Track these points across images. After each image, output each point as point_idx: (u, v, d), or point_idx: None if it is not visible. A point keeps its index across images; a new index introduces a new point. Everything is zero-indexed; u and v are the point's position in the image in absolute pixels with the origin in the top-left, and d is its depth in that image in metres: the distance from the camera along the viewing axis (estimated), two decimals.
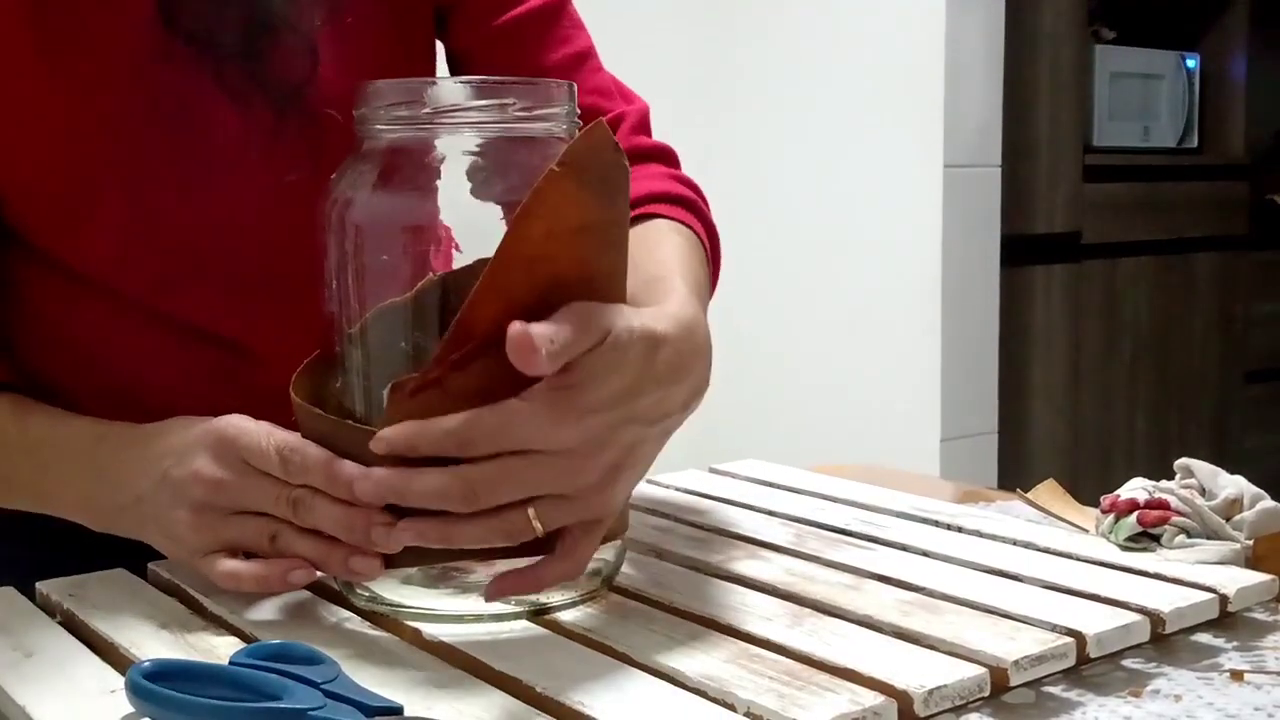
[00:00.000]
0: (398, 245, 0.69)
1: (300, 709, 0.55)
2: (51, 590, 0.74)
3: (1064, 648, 0.64)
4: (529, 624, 0.68)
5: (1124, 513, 0.80)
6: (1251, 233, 2.90)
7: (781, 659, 0.62)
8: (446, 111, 0.68)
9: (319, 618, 0.70)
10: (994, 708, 0.61)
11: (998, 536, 0.83)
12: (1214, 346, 2.83)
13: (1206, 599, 0.70)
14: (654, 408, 0.66)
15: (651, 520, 0.88)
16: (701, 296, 0.77)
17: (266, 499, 0.69)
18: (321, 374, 0.73)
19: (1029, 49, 2.44)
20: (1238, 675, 0.64)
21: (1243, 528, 0.77)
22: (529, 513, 0.64)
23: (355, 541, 0.66)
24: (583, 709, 0.58)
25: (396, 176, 0.69)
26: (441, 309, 0.68)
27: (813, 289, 2.51)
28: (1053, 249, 2.50)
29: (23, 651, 0.66)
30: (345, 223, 0.69)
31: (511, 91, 0.69)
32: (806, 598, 0.71)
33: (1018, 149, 2.44)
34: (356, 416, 0.69)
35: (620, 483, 0.66)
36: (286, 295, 0.82)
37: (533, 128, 0.69)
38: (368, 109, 0.70)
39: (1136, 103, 2.73)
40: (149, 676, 0.56)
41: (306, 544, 0.68)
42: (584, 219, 0.63)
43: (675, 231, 0.84)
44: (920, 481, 1.09)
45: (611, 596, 0.72)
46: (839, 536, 0.83)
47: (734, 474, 1.02)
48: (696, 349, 0.69)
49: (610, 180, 0.64)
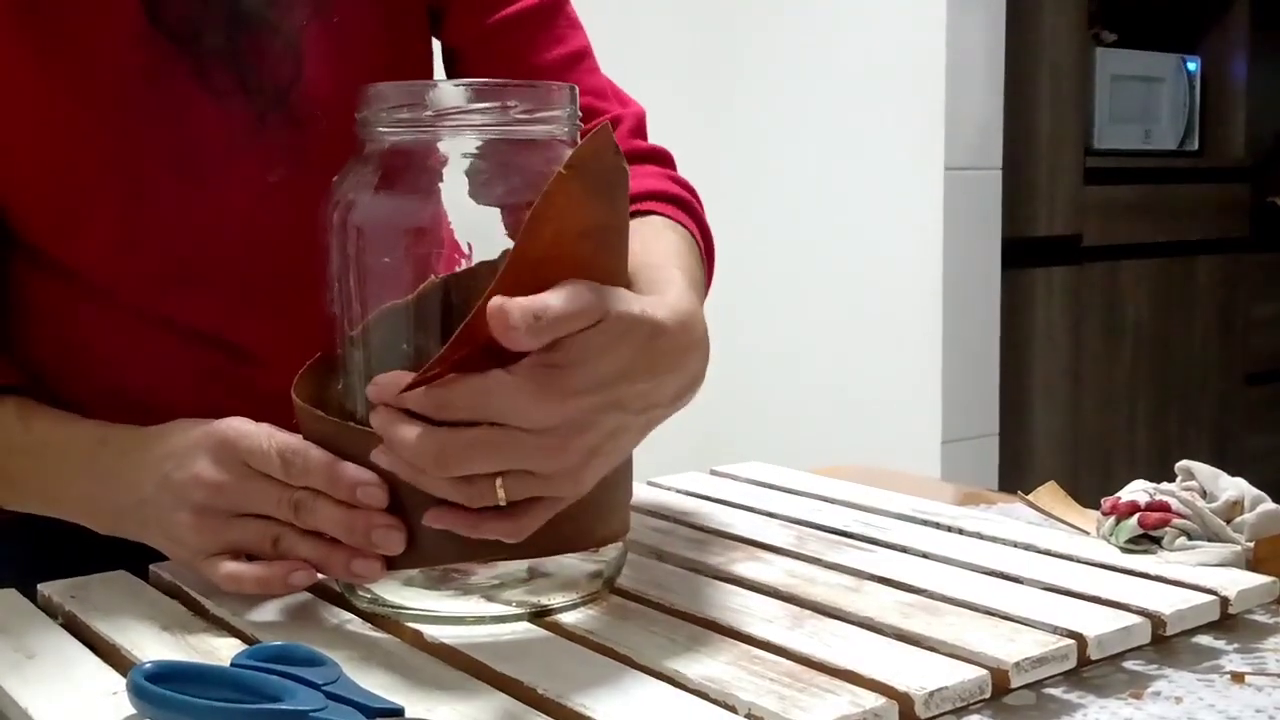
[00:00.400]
0: (399, 248, 0.69)
1: (301, 710, 0.55)
2: (53, 592, 0.74)
3: (1065, 649, 0.64)
4: (530, 625, 0.68)
5: (1125, 515, 0.80)
6: (1252, 235, 2.90)
7: (782, 661, 0.62)
8: (448, 114, 0.68)
9: (320, 619, 0.70)
10: (995, 709, 0.61)
11: (998, 538, 0.83)
12: (1215, 349, 2.83)
13: (1207, 601, 0.70)
14: (642, 397, 0.65)
15: (652, 522, 0.88)
16: (698, 292, 0.76)
17: (268, 501, 0.69)
18: (323, 376, 0.73)
19: (1030, 51, 2.45)
20: (1238, 677, 0.64)
21: (1243, 530, 0.77)
22: (496, 481, 0.63)
23: (356, 544, 0.66)
24: (584, 711, 0.58)
25: (398, 179, 0.69)
26: (443, 312, 0.68)
27: (813, 291, 2.51)
28: (1053, 251, 2.50)
29: (24, 653, 0.66)
30: (347, 225, 0.69)
31: (513, 94, 0.69)
32: (807, 600, 0.71)
33: (1018, 151, 2.44)
34: (358, 418, 0.69)
35: (594, 467, 0.65)
36: (284, 297, 0.82)
37: (534, 130, 0.69)
38: (369, 111, 0.70)
39: (1137, 105, 2.73)
40: (150, 678, 0.56)
41: (308, 546, 0.68)
42: (589, 222, 0.63)
43: (671, 229, 0.84)
44: (921, 483, 1.09)
45: (613, 598, 0.72)
46: (839, 538, 0.83)
47: (735, 476, 1.02)
48: (693, 342, 0.68)
49: (613, 184, 0.64)
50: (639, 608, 0.71)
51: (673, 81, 2.57)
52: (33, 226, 0.84)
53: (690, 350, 0.68)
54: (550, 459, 0.63)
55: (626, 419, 0.65)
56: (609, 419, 0.64)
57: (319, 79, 0.84)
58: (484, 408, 0.61)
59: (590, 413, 0.63)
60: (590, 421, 0.63)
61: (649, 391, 0.65)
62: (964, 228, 2.35)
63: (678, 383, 0.68)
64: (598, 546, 0.71)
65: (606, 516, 0.69)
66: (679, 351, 0.66)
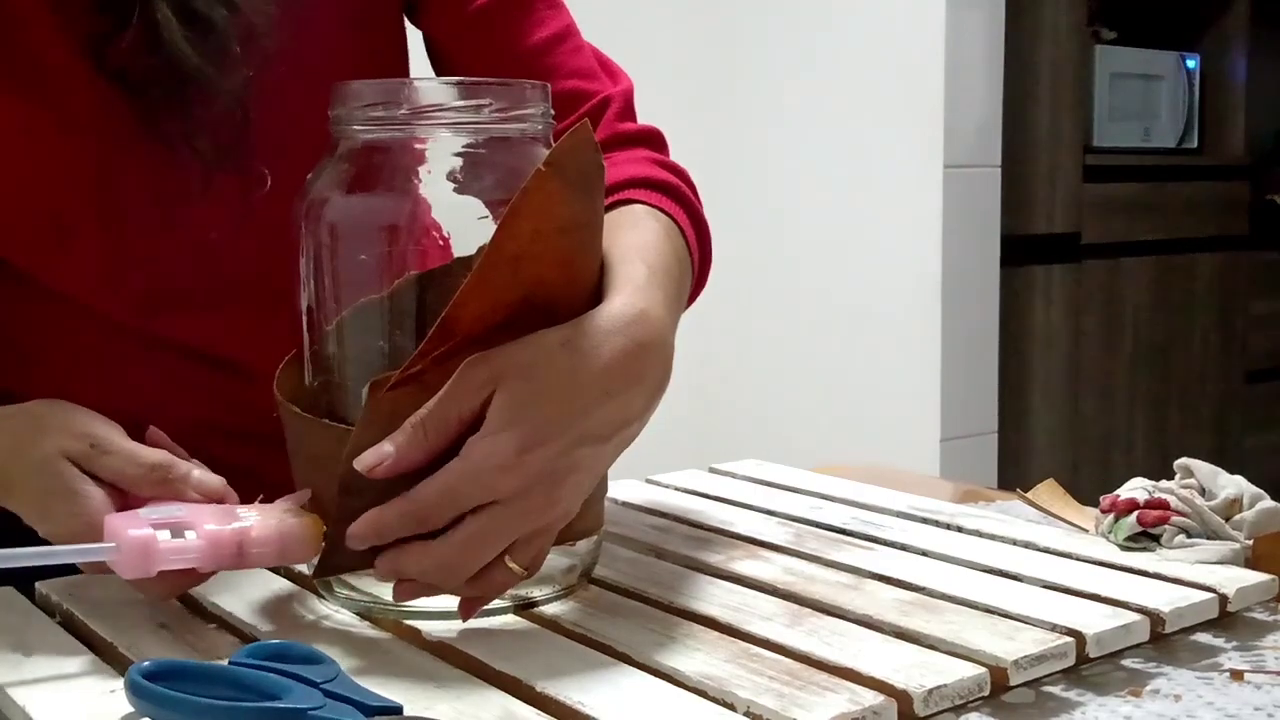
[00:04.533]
0: (372, 245, 0.69)
1: (300, 709, 0.55)
2: (51, 590, 0.74)
3: (1063, 647, 0.64)
4: (529, 624, 0.68)
5: (1124, 512, 0.80)
6: (1252, 233, 2.90)
7: (781, 659, 0.62)
8: (422, 112, 0.69)
9: (319, 617, 0.70)
10: (994, 707, 0.61)
11: (997, 536, 0.83)
12: (1214, 346, 2.83)
13: (1206, 599, 0.70)
14: (605, 422, 0.64)
15: (651, 520, 0.88)
16: (666, 285, 0.71)
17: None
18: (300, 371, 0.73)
19: (1029, 49, 2.45)
20: (1237, 675, 0.64)
21: (1242, 528, 0.77)
22: (506, 562, 0.64)
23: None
24: (582, 709, 0.58)
25: (372, 176, 0.70)
26: (418, 308, 0.68)
27: (813, 289, 2.51)
28: (1052, 249, 2.50)
29: (22, 651, 0.66)
30: (321, 222, 0.69)
31: (487, 92, 0.69)
32: (806, 597, 0.71)
33: (1018, 149, 2.44)
34: (334, 414, 0.69)
35: (577, 497, 0.66)
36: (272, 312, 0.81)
37: (508, 128, 0.69)
38: (344, 109, 0.70)
39: (1136, 103, 2.73)
40: (148, 676, 0.56)
41: None
42: (568, 219, 0.63)
43: (650, 217, 0.80)
44: (920, 481, 1.09)
45: (611, 596, 0.72)
46: (838, 536, 0.83)
47: (733, 474, 1.02)
48: (644, 345, 0.65)
49: (591, 180, 0.65)
50: (638, 605, 0.71)
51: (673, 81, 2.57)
52: (16, 249, 0.84)
53: (646, 357, 0.65)
54: (540, 516, 0.64)
55: (597, 449, 0.65)
56: (581, 454, 0.64)
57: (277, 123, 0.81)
58: (458, 501, 0.62)
59: (557, 458, 0.62)
60: (563, 465, 0.63)
61: (612, 413, 0.64)
62: (963, 225, 2.35)
63: (644, 393, 0.66)
64: (574, 541, 0.71)
65: (581, 513, 0.69)
66: (632, 364, 0.65)
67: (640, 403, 0.66)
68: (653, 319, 0.66)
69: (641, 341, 0.65)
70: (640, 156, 0.87)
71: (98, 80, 0.80)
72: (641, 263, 0.70)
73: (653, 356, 0.66)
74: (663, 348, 0.67)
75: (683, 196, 0.84)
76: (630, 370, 0.65)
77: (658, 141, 0.91)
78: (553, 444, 0.62)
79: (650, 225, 0.78)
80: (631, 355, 0.64)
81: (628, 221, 0.78)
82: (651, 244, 0.75)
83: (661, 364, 0.67)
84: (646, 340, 0.65)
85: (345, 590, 0.71)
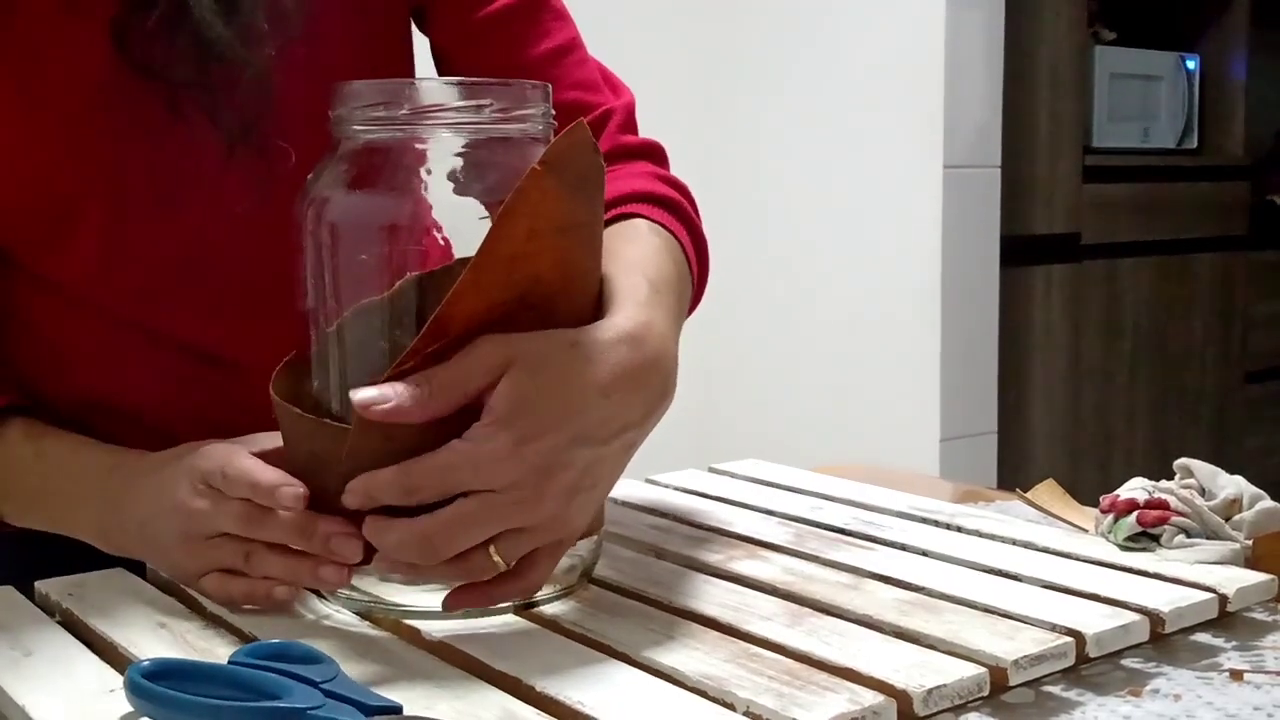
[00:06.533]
0: (373, 245, 0.69)
1: (299, 708, 0.55)
2: (51, 589, 0.74)
3: (1063, 647, 0.64)
4: (528, 623, 0.68)
5: (1123, 513, 0.80)
6: (1251, 233, 2.90)
7: (781, 658, 0.62)
8: (423, 112, 0.69)
9: (318, 617, 0.70)
10: (993, 707, 0.61)
11: (997, 536, 0.83)
12: (1214, 347, 2.83)
13: (1206, 599, 0.70)
14: (604, 425, 0.65)
15: (650, 520, 0.88)
16: (668, 300, 0.73)
17: (230, 520, 0.69)
18: (301, 373, 0.73)
19: (1029, 49, 2.45)
20: (1237, 675, 0.64)
21: (1242, 528, 0.77)
22: (490, 550, 0.64)
23: (316, 551, 0.67)
24: (582, 708, 0.58)
25: (373, 176, 0.70)
26: (419, 309, 0.68)
27: (813, 289, 2.51)
28: (1052, 249, 2.50)
29: (22, 650, 0.66)
30: (321, 221, 0.69)
31: (488, 92, 0.69)
32: (806, 597, 0.71)
33: (1017, 149, 2.44)
34: (334, 414, 0.69)
35: (579, 505, 0.66)
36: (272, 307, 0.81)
37: (509, 129, 0.69)
38: (345, 109, 0.70)
39: (1136, 103, 2.73)
40: (148, 676, 0.56)
41: (275, 560, 0.69)
42: (564, 219, 0.63)
43: (652, 232, 0.81)
44: (919, 481, 1.09)
45: (611, 596, 0.72)
46: (838, 536, 0.83)
47: (733, 473, 1.02)
48: (647, 358, 0.66)
49: (589, 181, 0.65)
50: (637, 605, 0.71)
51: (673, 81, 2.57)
52: (16, 241, 0.84)
53: (647, 368, 0.67)
54: (530, 511, 0.64)
55: (599, 450, 0.65)
56: (576, 455, 0.64)
57: (293, 107, 0.82)
58: (450, 481, 0.62)
59: (552, 455, 0.63)
60: (558, 463, 0.63)
61: (611, 417, 0.65)
62: (963, 225, 2.35)
63: (644, 401, 0.67)
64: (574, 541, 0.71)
65: None
66: (632, 372, 0.66)
67: (639, 410, 0.67)
68: (656, 333, 0.68)
69: (645, 353, 0.66)
70: (642, 170, 0.88)
71: (105, 68, 0.80)
72: (644, 278, 0.72)
73: (655, 368, 0.67)
74: (665, 360, 0.69)
75: (683, 213, 0.86)
76: (632, 378, 0.66)
77: (659, 155, 0.92)
78: (549, 439, 0.63)
79: (652, 241, 0.80)
80: (634, 365, 0.66)
81: (630, 236, 0.80)
82: (653, 259, 0.76)
83: (663, 376, 0.68)
84: (650, 353, 0.67)
85: (345, 590, 0.71)
